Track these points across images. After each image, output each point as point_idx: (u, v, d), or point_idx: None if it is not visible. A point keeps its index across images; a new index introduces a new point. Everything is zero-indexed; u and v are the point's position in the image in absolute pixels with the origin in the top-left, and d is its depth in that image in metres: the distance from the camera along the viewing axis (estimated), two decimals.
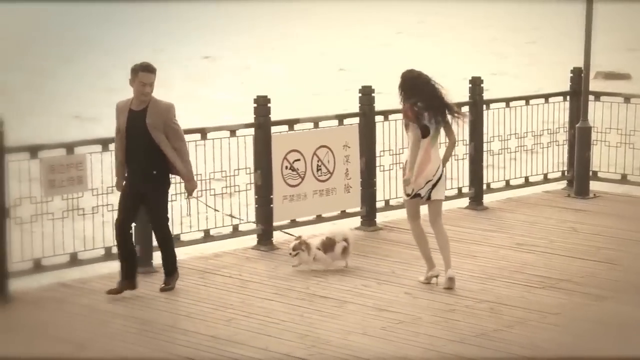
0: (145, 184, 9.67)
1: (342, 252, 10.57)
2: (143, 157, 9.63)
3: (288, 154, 11.58)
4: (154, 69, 9.67)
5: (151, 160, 9.64)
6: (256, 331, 8.87)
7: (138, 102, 9.66)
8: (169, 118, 9.65)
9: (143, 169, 9.66)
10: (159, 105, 9.67)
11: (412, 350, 8.45)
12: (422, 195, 10.13)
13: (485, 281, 10.28)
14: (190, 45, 46.67)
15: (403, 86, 10.08)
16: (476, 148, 13.24)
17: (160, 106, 9.67)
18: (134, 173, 9.72)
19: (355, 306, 9.53)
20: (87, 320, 9.13)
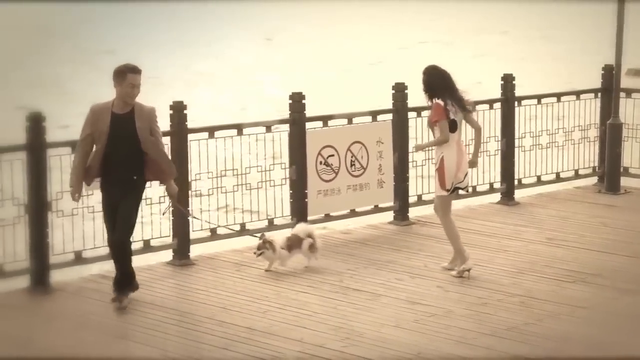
0: (124, 190, 9.15)
1: (309, 248, 10.42)
2: (126, 162, 9.11)
3: (322, 149, 11.65)
4: (140, 70, 9.17)
5: (133, 166, 9.15)
6: (291, 323, 8.94)
7: (122, 105, 9.12)
8: (154, 121, 9.20)
9: (124, 175, 9.14)
10: (144, 109, 9.18)
11: (444, 343, 8.50)
12: (464, 188, 10.35)
13: (516, 275, 10.31)
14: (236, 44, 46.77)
15: (429, 82, 10.16)
16: (508, 144, 13.26)
17: (145, 109, 9.18)
18: (115, 180, 9.16)
19: (388, 299, 9.58)
20: (128, 311, 9.22)
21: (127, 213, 9.18)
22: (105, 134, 9.05)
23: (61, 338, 8.56)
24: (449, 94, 10.10)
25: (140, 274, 10.24)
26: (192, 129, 10.82)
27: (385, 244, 11.42)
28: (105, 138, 9.05)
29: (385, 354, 8.24)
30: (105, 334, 8.66)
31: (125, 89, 9.06)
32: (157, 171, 9.29)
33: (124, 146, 9.07)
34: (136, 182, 9.22)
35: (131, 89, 9.07)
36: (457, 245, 10.26)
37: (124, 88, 9.06)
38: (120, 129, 9.07)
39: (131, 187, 9.19)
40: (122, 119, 9.08)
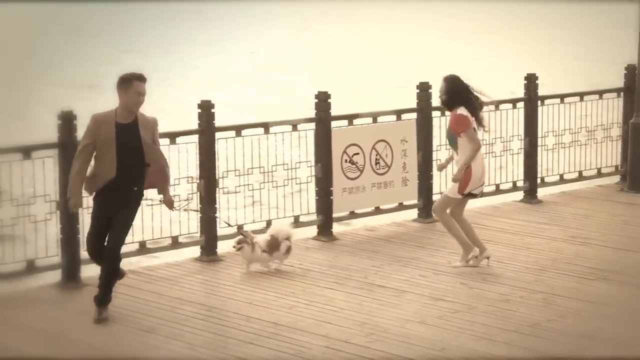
0: (124, 200, 8.84)
1: (286, 251, 10.27)
2: (128, 172, 8.79)
3: (347, 147, 11.67)
4: (145, 79, 8.84)
5: (136, 176, 8.85)
6: (317, 318, 8.98)
7: (127, 114, 8.78)
8: (156, 131, 8.95)
9: (126, 185, 8.82)
10: (147, 119, 8.89)
11: (467, 339, 8.51)
12: (477, 195, 10.47)
13: (539, 272, 10.31)
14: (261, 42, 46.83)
15: (452, 91, 10.22)
16: (531, 143, 13.24)
17: (149, 119, 8.89)
18: (116, 190, 8.79)
19: (412, 295, 9.60)
20: (156, 306, 9.28)
21: (127, 223, 8.93)
22: (112, 144, 8.70)
23: (91, 332, 8.62)
24: (470, 107, 10.21)
25: (169, 270, 10.33)
26: (220, 128, 10.87)
27: (410, 241, 11.44)
28: (114, 148, 8.70)
29: (410, 349, 8.26)
30: (134, 328, 8.72)
31: (132, 97, 8.72)
32: (157, 180, 8.95)
33: (128, 156, 8.75)
34: (136, 192, 8.93)
35: (137, 97, 8.73)
36: (461, 237, 10.35)
37: (130, 96, 8.72)
38: (125, 138, 8.74)
39: (131, 197, 8.89)
40: (127, 129, 8.75)
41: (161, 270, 10.36)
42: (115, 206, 8.82)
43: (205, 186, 10.75)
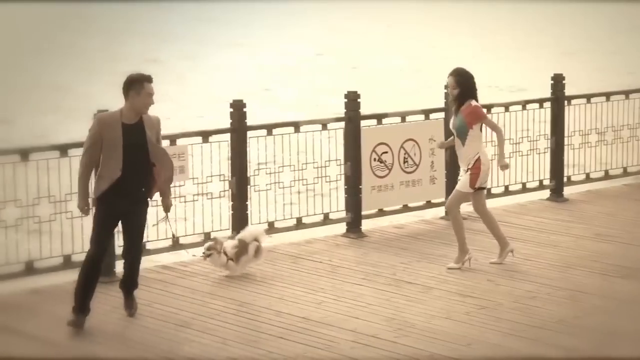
0: (132, 204, 8.59)
1: (255, 252, 10.01)
2: (136, 174, 8.53)
3: (376, 146, 11.69)
4: (152, 79, 8.65)
5: (142, 178, 8.60)
6: (345, 314, 9.00)
7: (133, 115, 8.50)
8: (160, 130, 8.74)
9: (134, 187, 8.58)
10: (151, 118, 8.64)
11: (493, 335, 8.50)
12: (485, 187, 10.49)
13: (565, 270, 10.28)
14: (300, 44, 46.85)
15: (465, 84, 10.16)
16: (557, 142, 13.21)
17: (152, 119, 8.64)
18: (124, 192, 8.52)
19: (439, 292, 9.60)
20: (189, 301, 9.33)
21: (142, 230, 8.78)
22: (119, 144, 8.44)
23: (126, 325, 8.68)
24: (476, 98, 10.22)
25: (200, 266, 10.38)
26: (251, 126, 10.92)
27: (437, 238, 11.44)
28: (120, 148, 8.44)
29: (436, 344, 8.27)
30: (167, 322, 8.77)
31: (144, 99, 8.46)
32: (161, 182, 8.68)
33: (134, 156, 8.49)
34: (143, 194, 8.68)
35: (149, 99, 8.49)
36: (463, 238, 10.33)
37: (142, 98, 8.45)
38: (132, 139, 8.48)
39: (138, 199, 8.64)
40: (133, 130, 8.49)
41: (193, 265, 10.41)
42: (122, 208, 8.57)
43: (237, 184, 10.80)
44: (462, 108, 10.15)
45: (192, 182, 10.59)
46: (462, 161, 10.29)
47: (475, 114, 10.12)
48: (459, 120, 10.18)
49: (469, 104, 10.12)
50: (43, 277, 9.83)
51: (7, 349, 8.19)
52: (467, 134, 10.14)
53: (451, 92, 10.24)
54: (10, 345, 8.27)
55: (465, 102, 10.13)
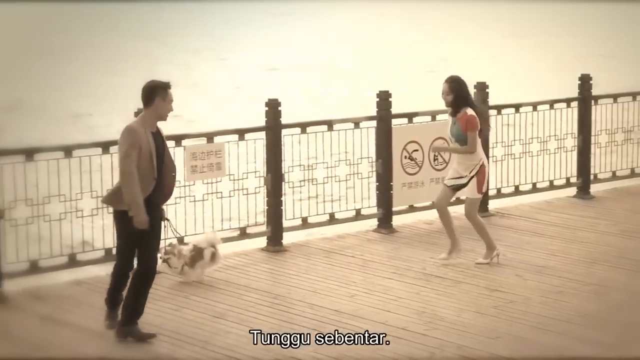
0: (153, 215, 8.13)
1: (211, 257, 9.64)
2: (158, 185, 8.15)
3: (407, 144, 11.70)
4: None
5: (160, 188, 8.22)
6: (376, 307, 9.03)
7: (155, 123, 8.13)
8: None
9: (159, 198, 8.22)
10: (160, 128, 8.33)
11: (521, 328, 8.51)
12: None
13: (591, 265, 10.26)
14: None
15: (459, 90, 10.03)
16: (584, 141, 13.17)
17: (160, 129, 8.31)
18: (153, 203, 8.13)
19: (468, 286, 9.61)
20: (225, 293, 9.39)
21: (157, 239, 8.30)
22: (153, 155, 8.02)
23: (163, 316, 8.75)
24: (474, 107, 10.10)
25: (236, 259, 10.46)
26: (286, 125, 10.97)
27: (466, 233, 11.41)
28: (154, 159, 8.04)
29: (465, 337, 8.28)
30: (204, 313, 8.83)
31: (168, 105, 8.09)
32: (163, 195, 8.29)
33: (159, 167, 8.14)
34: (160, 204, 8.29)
35: (171, 105, 8.15)
36: (489, 242, 10.28)
37: (167, 105, 8.07)
38: (158, 149, 8.12)
39: (158, 211, 8.22)
40: (157, 138, 8.14)
41: (230, 259, 10.47)
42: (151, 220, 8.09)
43: (272, 180, 10.86)
44: (459, 116, 10.02)
45: (229, 178, 10.65)
46: (462, 166, 10.12)
47: (471, 123, 9.98)
48: (457, 129, 10.05)
49: (464, 112, 9.99)
50: (85, 269, 9.93)
51: (52, 338, 8.29)
52: (465, 140, 10.04)
53: (445, 98, 10.05)
54: (54, 334, 8.37)
55: (461, 109, 10.01)
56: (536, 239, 11.23)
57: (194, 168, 10.27)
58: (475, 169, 10.11)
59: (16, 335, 8.39)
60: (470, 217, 10.33)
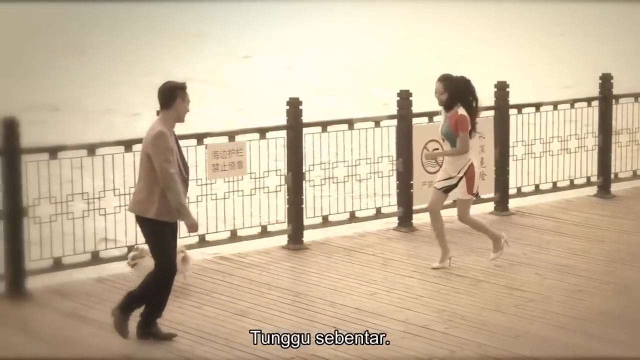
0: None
1: (181, 261, 9.29)
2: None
3: (427, 143, 11.70)
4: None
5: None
6: (397, 305, 9.05)
7: (174, 124, 8.02)
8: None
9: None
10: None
11: (541, 327, 8.51)
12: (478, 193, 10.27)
13: (611, 264, 10.25)
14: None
15: (453, 89, 9.80)
16: (605, 140, 13.15)
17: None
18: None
19: (489, 285, 9.62)
20: (246, 291, 9.43)
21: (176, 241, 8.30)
22: (178, 157, 7.99)
23: (186, 313, 8.80)
24: (469, 108, 9.87)
25: (258, 257, 10.50)
26: (307, 124, 11.00)
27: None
28: (181, 163, 8.02)
29: (486, 335, 8.29)
30: (226, 311, 8.88)
31: (186, 105, 8.00)
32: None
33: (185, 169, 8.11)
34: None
35: (188, 106, 8.06)
36: (491, 234, 10.18)
37: (186, 105, 7.97)
38: (180, 152, 8.09)
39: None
40: (177, 141, 8.09)
41: (251, 257, 10.52)
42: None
43: (293, 178, 10.89)
44: (450, 114, 9.83)
45: (250, 176, 10.70)
46: (452, 167, 9.91)
47: (461, 123, 9.74)
48: (447, 127, 9.87)
49: (456, 111, 9.79)
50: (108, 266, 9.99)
51: (75, 335, 8.35)
52: (455, 140, 9.83)
53: (439, 97, 9.82)
54: (78, 331, 8.43)
55: (454, 107, 9.82)
56: (556, 237, 11.23)
57: (216, 166, 10.31)
58: (464, 168, 9.90)
59: (40, 331, 8.46)
60: (464, 219, 10.14)
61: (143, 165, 7.97)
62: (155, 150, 7.85)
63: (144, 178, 7.96)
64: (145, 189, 7.96)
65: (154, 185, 7.90)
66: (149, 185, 7.93)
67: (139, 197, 8.03)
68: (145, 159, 7.93)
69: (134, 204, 8.10)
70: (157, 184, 7.89)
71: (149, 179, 7.92)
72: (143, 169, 7.97)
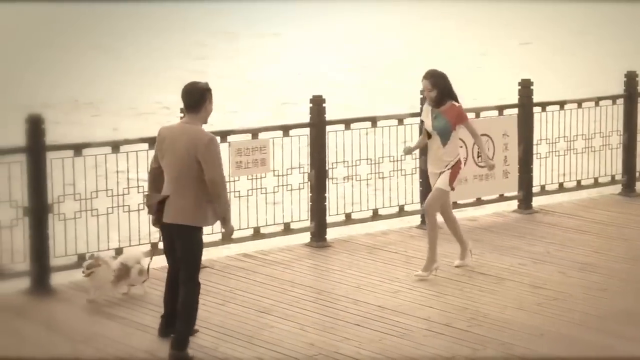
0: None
1: (138, 274, 9.13)
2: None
3: None
4: None
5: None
6: (419, 303, 9.06)
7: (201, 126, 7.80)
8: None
9: None
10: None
11: (564, 325, 8.50)
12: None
13: (635, 262, 10.22)
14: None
15: (442, 84, 9.62)
16: (630, 138, 13.11)
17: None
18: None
19: (512, 283, 9.62)
20: (269, 288, 9.47)
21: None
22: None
23: (210, 310, 8.84)
24: (456, 100, 9.72)
25: (281, 254, 10.54)
26: (330, 121, 11.02)
27: (509, 230, 11.44)
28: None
29: (509, 334, 8.29)
30: (249, 308, 8.91)
31: (212, 106, 7.81)
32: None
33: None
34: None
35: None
36: (460, 238, 9.97)
37: (211, 105, 7.80)
38: None
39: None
40: None
41: (274, 254, 10.56)
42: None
43: (316, 176, 10.92)
44: (444, 109, 9.59)
45: (273, 174, 10.73)
46: (439, 162, 9.66)
47: (461, 116, 9.58)
48: (442, 122, 9.59)
49: (451, 105, 9.58)
50: None
51: (99, 331, 8.41)
52: (450, 135, 9.60)
53: (428, 95, 9.62)
54: (102, 327, 8.49)
55: (445, 102, 9.61)
56: (580, 236, 11.20)
57: (239, 164, 10.35)
58: (454, 160, 9.68)
59: (65, 327, 8.52)
60: (428, 209, 9.72)
61: (188, 170, 7.60)
62: (212, 156, 7.57)
63: (191, 185, 7.60)
64: (191, 196, 7.62)
65: (200, 191, 7.61)
66: (196, 192, 7.61)
67: (182, 205, 7.64)
68: (195, 165, 7.57)
69: (177, 212, 7.66)
70: (204, 190, 7.60)
71: (196, 185, 7.59)
72: (189, 175, 7.60)
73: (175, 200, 7.68)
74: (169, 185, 7.73)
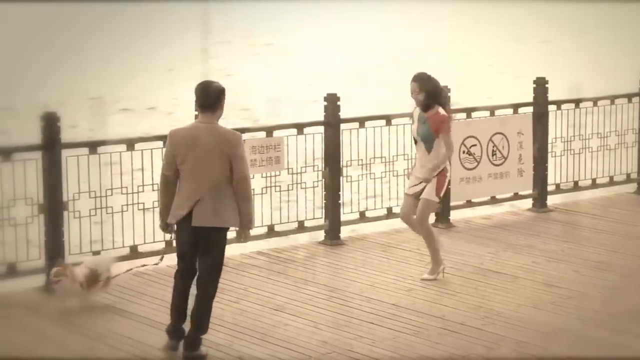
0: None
1: (105, 283, 9.07)
2: None
3: (465, 139, 11.69)
4: None
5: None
6: (433, 301, 9.06)
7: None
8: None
9: None
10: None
11: (578, 324, 8.49)
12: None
13: None
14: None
15: (430, 88, 9.39)
16: None
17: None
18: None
19: (526, 281, 9.60)
20: (283, 286, 9.48)
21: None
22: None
23: (223, 308, 8.85)
24: (444, 106, 9.55)
25: (295, 252, 10.55)
26: (344, 119, 11.02)
27: (524, 229, 11.42)
28: None
29: (523, 332, 8.29)
30: (263, 306, 8.93)
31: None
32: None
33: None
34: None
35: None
36: (435, 251, 9.63)
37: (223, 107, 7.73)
38: None
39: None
40: None
41: (288, 252, 10.57)
42: None
43: (330, 174, 10.92)
44: (430, 114, 9.40)
45: (287, 172, 10.75)
46: (422, 169, 9.45)
47: (443, 123, 9.32)
48: (426, 128, 9.41)
49: (436, 111, 9.37)
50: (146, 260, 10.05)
51: (113, 328, 8.44)
52: (433, 142, 9.38)
53: (415, 98, 9.40)
54: (116, 324, 8.53)
55: (431, 107, 9.41)
56: (594, 234, 11.18)
57: (253, 161, 10.36)
58: (437, 171, 9.47)
59: (79, 324, 8.55)
60: (421, 221, 9.49)
61: (222, 170, 7.46)
62: (243, 154, 7.53)
63: (225, 185, 7.47)
64: (227, 197, 7.49)
65: (232, 191, 7.49)
66: (230, 192, 7.49)
67: (218, 207, 7.49)
68: (228, 164, 7.45)
69: (214, 214, 7.49)
70: (231, 189, 7.49)
71: (229, 185, 7.47)
72: (222, 175, 7.47)
73: (209, 203, 7.48)
74: (197, 188, 7.48)
